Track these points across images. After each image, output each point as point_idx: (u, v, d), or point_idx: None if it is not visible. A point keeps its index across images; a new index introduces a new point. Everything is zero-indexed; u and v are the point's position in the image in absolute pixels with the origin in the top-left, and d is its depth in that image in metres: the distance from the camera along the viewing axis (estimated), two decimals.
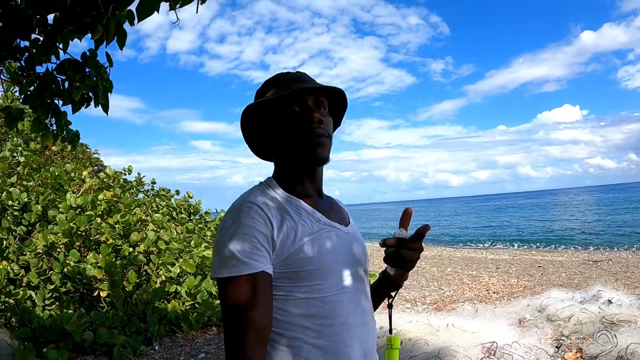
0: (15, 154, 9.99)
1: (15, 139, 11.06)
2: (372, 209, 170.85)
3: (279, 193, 1.47)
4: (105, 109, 3.12)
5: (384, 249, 1.48)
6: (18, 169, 9.07)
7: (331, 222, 1.49)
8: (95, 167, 18.40)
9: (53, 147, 14.18)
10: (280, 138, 1.51)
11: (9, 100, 10.83)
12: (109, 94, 3.11)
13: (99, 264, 7.05)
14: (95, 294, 7.02)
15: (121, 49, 2.77)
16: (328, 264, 1.39)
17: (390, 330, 1.70)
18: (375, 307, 1.71)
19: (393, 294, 1.69)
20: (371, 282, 1.68)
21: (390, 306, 1.70)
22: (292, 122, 1.47)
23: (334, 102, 1.63)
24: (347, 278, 1.45)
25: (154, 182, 13.17)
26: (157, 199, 11.44)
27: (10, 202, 7.91)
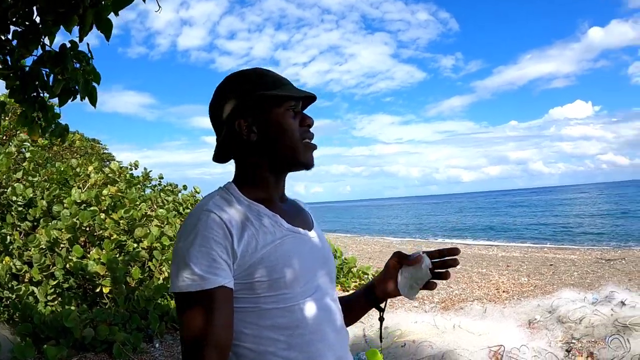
0: (23, 149, 9.96)
1: (22, 135, 11.01)
2: (383, 205, 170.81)
3: (239, 199, 1.38)
4: (92, 101, 2.99)
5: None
6: (24, 164, 9.04)
7: (294, 228, 1.42)
8: (107, 162, 18.42)
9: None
10: (265, 137, 1.41)
11: None
12: (97, 85, 2.99)
13: (101, 260, 6.98)
14: (98, 290, 6.95)
15: (107, 40, 2.65)
16: (292, 271, 1.32)
17: (381, 339, 1.70)
18: (355, 319, 1.65)
19: (383, 305, 1.62)
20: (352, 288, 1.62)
21: (381, 319, 1.64)
22: (291, 122, 1.42)
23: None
24: (314, 284, 1.39)
25: (161, 177, 13.13)
26: (162, 194, 11.35)
27: (14, 198, 7.87)
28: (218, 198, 1.35)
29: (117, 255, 7.32)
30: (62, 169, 9.71)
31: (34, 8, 2.59)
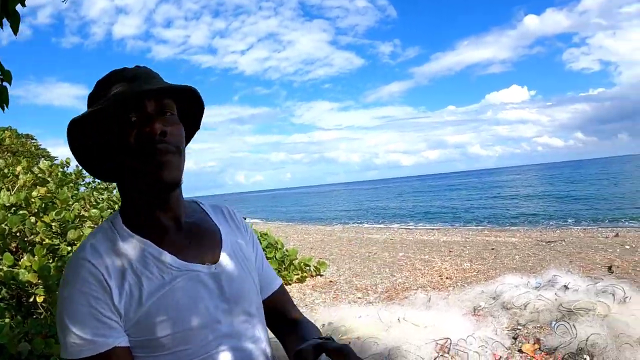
0: None
1: None
2: (324, 191, 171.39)
3: (123, 235, 1.16)
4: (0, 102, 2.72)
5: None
6: None
7: (188, 265, 1.17)
8: (41, 158, 17.76)
9: None
10: (111, 160, 1.18)
11: None
12: (8, 84, 2.72)
13: (33, 267, 6.63)
14: (32, 299, 6.61)
15: (15, 34, 2.41)
16: (192, 321, 1.11)
17: None
18: None
19: None
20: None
21: None
22: (129, 136, 1.13)
23: (187, 102, 1.27)
24: (225, 330, 1.17)
25: None
26: (95, 192, 10.91)
27: None
28: (100, 238, 1.16)
29: (50, 261, 6.98)
30: None
31: None
